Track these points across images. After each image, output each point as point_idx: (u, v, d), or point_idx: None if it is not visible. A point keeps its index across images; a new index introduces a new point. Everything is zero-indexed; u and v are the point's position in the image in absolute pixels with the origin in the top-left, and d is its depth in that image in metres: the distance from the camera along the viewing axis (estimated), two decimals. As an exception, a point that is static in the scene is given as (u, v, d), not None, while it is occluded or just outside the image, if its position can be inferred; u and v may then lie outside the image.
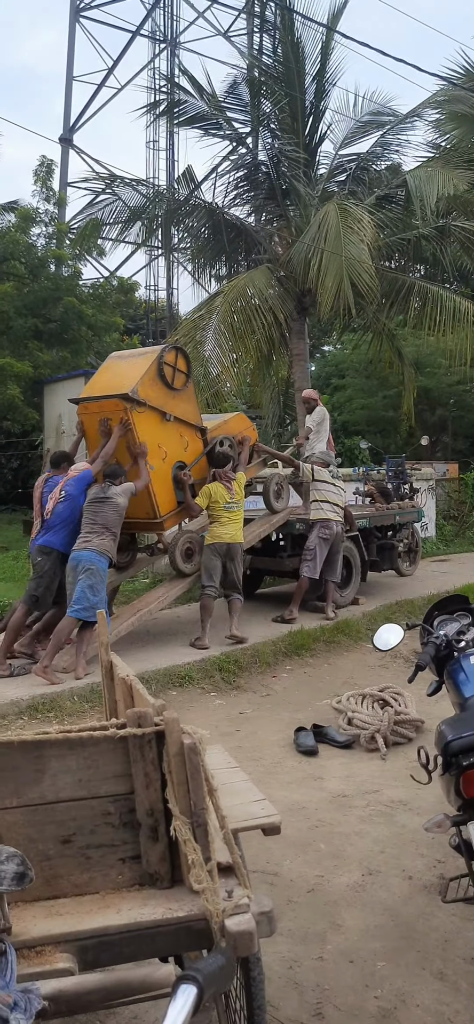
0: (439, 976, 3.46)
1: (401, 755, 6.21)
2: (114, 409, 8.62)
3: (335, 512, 10.08)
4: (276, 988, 3.35)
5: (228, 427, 10.05)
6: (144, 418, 8.71)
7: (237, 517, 9.05)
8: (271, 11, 16.45)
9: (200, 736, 2.31)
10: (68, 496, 8.15)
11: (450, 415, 25.63)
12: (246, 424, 10.49)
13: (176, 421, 9.12)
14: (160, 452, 8.91)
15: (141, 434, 8.62)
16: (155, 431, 8.86)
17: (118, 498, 7.98)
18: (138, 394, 8.59)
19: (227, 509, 8.96)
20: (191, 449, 9.34)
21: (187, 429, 9.33)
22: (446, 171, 14.60)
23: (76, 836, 2.35)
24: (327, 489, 10.16)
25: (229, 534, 8.93)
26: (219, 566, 8.95)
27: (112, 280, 25.20)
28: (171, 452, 9.07)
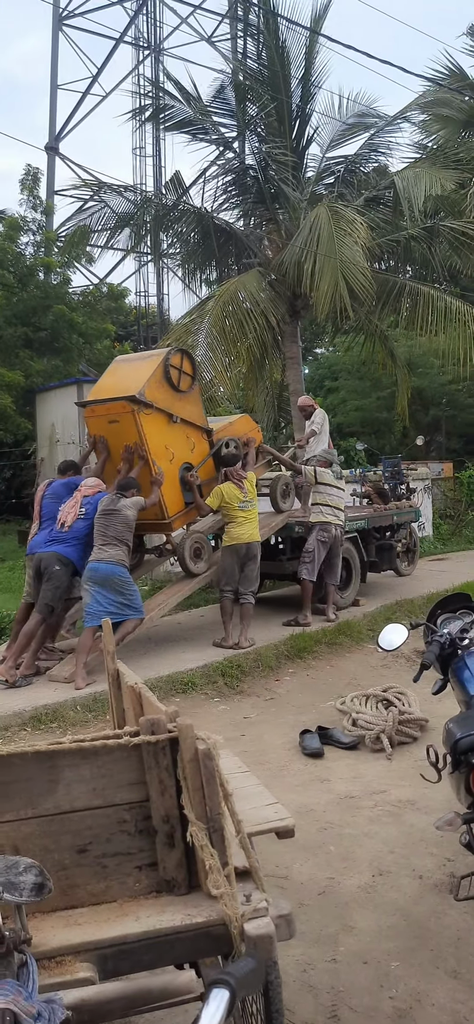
0: (453, 974, 3.46)
1: (407, 754, 6.21)
2: (121, 411, 8.75)
3: (335, 515, 10.04)
4: (291, 991, 3.34)
5: (234, 429, 10.14)
6: (151, 420, 8.81)
7: (253, 515, 9.07)
8: (254, 15, 16.49)
9: (214, 742, 2.31)
10: (87, 515, 8.34)
11: (443, 415, 25.71)
12: (251, 426, 10.59)
13: (182, 423, 9.22)
14: (167, 453, 8.99)
15: (148, 435, 8.73)
16: (162, 432, 8.97)
17: (127, 510, 8.10)
18: (145, 396, 8.70)
19: (242, 508, 8.97)
20: (197, 451, 9.44)
21: (193, 431, 9.44)
22: (433, 171, 14.64)
23: (92, 845, 2.34)
24: (329, 492, 10.12)
25: (247, 533, 8.95)
26: (237, 568, 8.98)
27: (102, 287, 25.20)
28: (178, 453, 9.16)
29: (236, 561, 8.98)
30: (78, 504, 8.45)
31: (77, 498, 8.53)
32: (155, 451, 8.84)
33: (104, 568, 7.89)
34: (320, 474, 10.18)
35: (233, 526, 8.97)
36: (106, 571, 7.90)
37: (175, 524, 9.23)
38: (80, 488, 8.66)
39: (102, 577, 7.89)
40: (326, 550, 9.99)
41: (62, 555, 8.21)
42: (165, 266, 22.24)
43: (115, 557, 7.93)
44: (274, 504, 10.32)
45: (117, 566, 7.93)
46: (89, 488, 8.61)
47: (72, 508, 8.45)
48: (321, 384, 28.40)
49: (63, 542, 8.27)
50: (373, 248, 14.38)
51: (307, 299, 14.35)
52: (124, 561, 8.02)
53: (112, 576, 7.91)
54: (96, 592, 7.89)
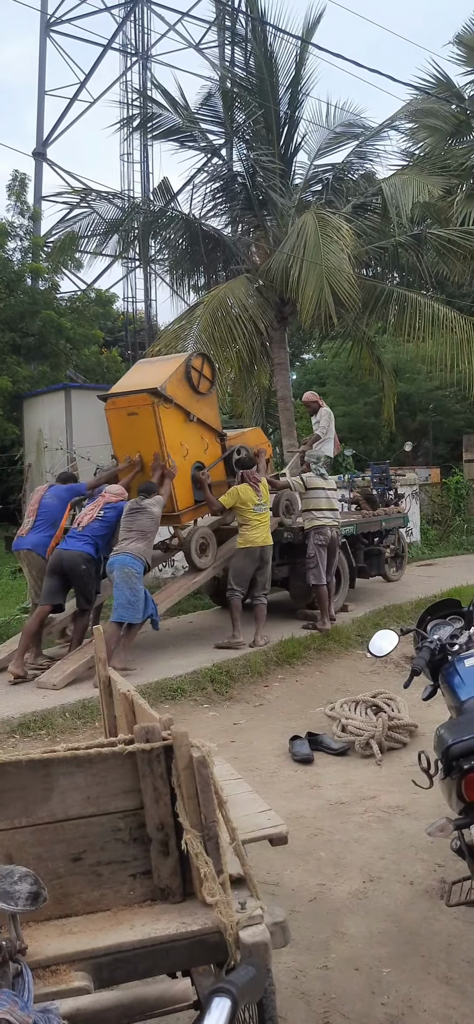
0: (445, 980, 3.47)
1: (396, 760, 6.23)
2: (141, 403, 9.12)
3: (327, 516, 9.98)
4: (283, 999, 3.34)
5: (245, 438, 10.55)
6: (170, 414, 9.17)
7: (266, 519, 9.27)
8: (242, 24, 16.55)
9: (208, 749, 2.31)
10: (105, 518, 8.67)
11: (431, 420, 25.80)
12: (262, 439, 11.10)
13: (198, 423, 9.60)
14: (182, 449, 9.36)
15: (165, 429, 9.07)
16: (179, 429, 9.33)
17: (153, 507, 8.47)
18: (166, 390, 9.06)
19: (256, 512, 9.14)
20: (210, 452, 9.82)
21: (208, 432, 9.83)
22: (420, 179, 14.74)
23: (86, 853, 2.34)
24: (318, 496, 10.05)
25: (261, 537, 9.17)
26: (251, 571, 9.17)
27: (90, 293, 25.17)
28: (192, 451, 9.53)
29: (250, 563, 9.17)
30: (98, 507, 8.74)
31: (99, 502, 8.81)
32: (171, 445, 9.16)
33: (119, 559, 8.18)
34: (308, 480, 10.15)
35: (247, 529, 9.15)
36: (121, 561, 8.15)
37: (184, 519, 9.54)
38: (104, 494, 8.94)
39: (117, 567, 8.15)
40: (326, 552, 9.99)
41: (86, 554, 8.48)
42: (153, 272, 22.22)
43: (134, 550, 8.20)
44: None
45: (133, 558, 8.17)
46: (113, 495, 8.87)
47: (91, 511, 8.75)
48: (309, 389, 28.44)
49: (82, 539, 8.56)
50: (361, 255, 14.46)
51: (295, 305, 14.39)
52: (143, 555, 8.26)
53: (124, 566, 8.11)
54: (115, 585, 8.21)
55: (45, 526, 8.74)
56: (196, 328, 13.94)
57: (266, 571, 9.29)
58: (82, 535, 8.57)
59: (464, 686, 3.68)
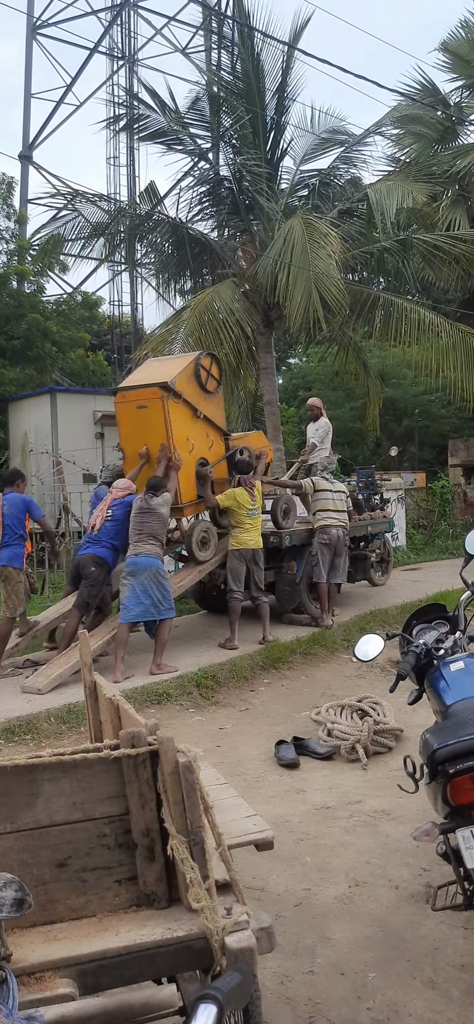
0: (430, 984, 3.48)
1: (382, 765, 6.23)
2: (151, 397, 9.36)
3: (334, 518, 10.35)
4: (269, 1004, 3.33)
5: (248, 440, 10.81)
6: (178, 409, 9.44)
7: (258, 524, 9.50)
8: (229, 28, 16.58)
9: (194, 754, 2.31)
10: (114, 518, 8.92)
11: (416, 425, 25.90)
12: (264, 442, 11.37)
13: (205, 420, 9.87)
14: (187, 444, 9.60)
15: (173, 422, 9.31)
16: (186, 424, 9.59)
17: (161, 508, 8.63)
18: (175, 385, 9.34)
19: (250, 516, 9.36)
20: (214, 450, 10.07)
21: (213, 430, 10.10)
22: (406, 184, 14.80)
23: (71, 859, 2.33)
24: (325, 498, 10.47)
25: (253, 540, 9.39)
26: (244, 571, 9.36)
27: (76, 296, 25.12)
28: (197, 447, 9.78)
29: (243, 565, 9.36)
30: (107, 506, 8.99)
31: (108, 500, 9.08)
32: (177, 439, 9.37)
33: (143, 560, 8.36)
34: (317, 482, 10.59)
35: (241, 531, 9.36)
36: (145, 563, 8.35)
37: (186, 511, 9.83)
38: (111, 490, 9.23)
39: (141, 569, 8.33)
40: (330, 552, 10.27)
41: (98, 556, 8.79)
42: (139, 276, 22.21)
43: (151, 551, 8.43)
44: (275, 523, 10.57)
45: (153, 558, 8.42)
46: (120, 490, 9.13)
47: (101, 511, 9.01)
48: (295, 394, 28.50)
49: (96, 543, 8.88)
50: (347, 259, 14.49)
51: (281, 310, 14.41)
52: (159, 555, 8.54)
53: (150, 567, 8.34)
54: (134, 585, 8.31)
55: (13, 537, 8.71)
56: (183, 332, 13.94)
57: (258, 572, 9.48)
58: (97, 539, 8.89)
59: (449, 690, 3.69)
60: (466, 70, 19.35)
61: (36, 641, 9.30)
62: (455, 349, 14.84)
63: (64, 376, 22.44)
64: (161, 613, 8.42)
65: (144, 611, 8.37)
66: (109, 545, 8.86)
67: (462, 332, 15.16)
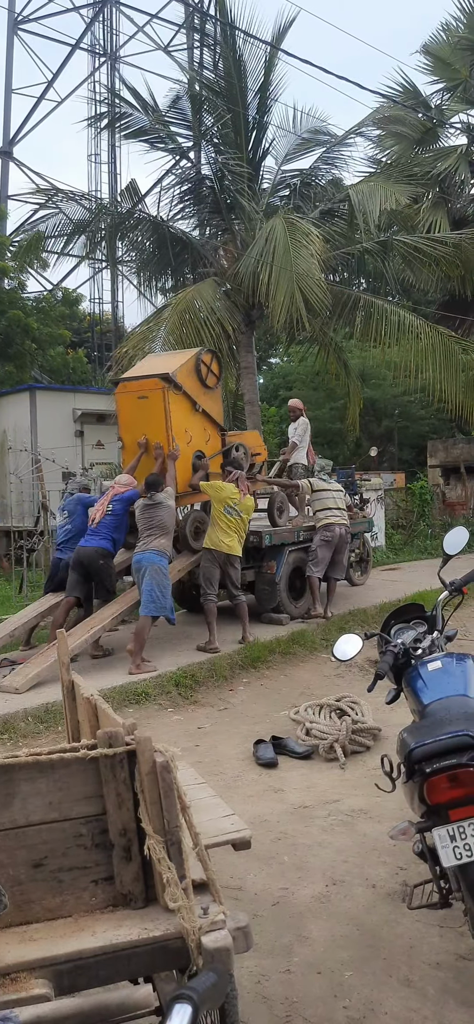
0: (406, 983, 3.49)
1: (360, 764, 6.25)
2: (152, 387, 9.57)
3: (336, 516, 10.57)
4: (245, 1003, 3.33)
5: (244, 439, 11.09)
6: (177, 401, 9.64)
7: (234, 526, 9.22)
8: (211, 26, 16.58)
9: (172, 754, 2.31)
10: (114, 512, 9.07)
11: (396, 426, 26.02)
12: (259, 442, 11.63)
13: (203, 414, 10.12)
14: (186, 436, 9.79)
15: (173, 413, 9.51)
16: (185, 416, 9.82)
17: (168, 500, 8.79)
18: (176, 377, 9.56)
19: (226, 513, 9.16)
20: (211, 444, 10.30)
21: (210, 425, 10.34)
22: (387, 186, 14.87)
23: (48, 859, 2.32)
24: (326, 497, 10.68)
25: (226, 544, 9.17)
26: (217, 573, 9.26)
27: (56, 293, 25.02)
28: (195, 440, 9.99)
29: (216, 567, 9.23)
30: (108, 501, 9.15)
31: (109, 495, 9.24)
32: (176, 430, 9.56)
33: (147, 557, 8.49)
34: (314, 483, 10.78)
35: (213, 529, 9.23)
36: (147, 559, 8.48)
37: (181, 501, 10.01)
38: (113, 485, 9.47)
39: (142, 566, 8.49)
40: (330, 549, 10.47)
41: (102, 548, 8.96)
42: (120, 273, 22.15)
43: (160, 546, 8.55)
44: (271, 520, 10.81)
45: (158, 555, 8.50)
46: (121, 486, 9.31)
47: (101, 505, 9.16)
48: (275, 394, 28.55)
49: (97, 535, 9.02)
50: (328, 260, 14.53)
51: (262, 309, 14.43)
52: (165, 550, 8.63)
53: (151, 563, 8.44)
54: (140, 581, 8.51)
55: None
56: (163, 330, 13.94)
57: (234, 573, 9.33)
58: (96, 532, 9.02)
59: (427, 690, 3.70)
60: (447, 73, 19.46)
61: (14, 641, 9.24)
62: (434, 351, 14.94)
63: (44, 373, 22.35)
64: (155, 610, 8.48)
65: (152, 610, 8.47)
66: (109, 537, 9.02)
67: (441, 334, 15.28)
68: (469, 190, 19.83)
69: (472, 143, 19.36)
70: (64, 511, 9.87)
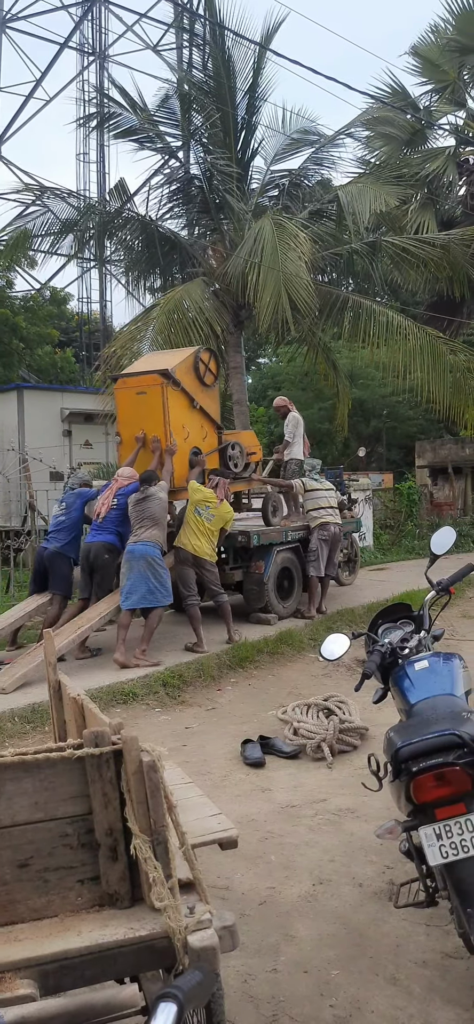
0: (392, 981, 3.50)
1: (347, 763, 6.26)
2: (151, 383, 9.76)
3: (329, 514, 10.82)
4: (232, 1002, 3.34)
5: (240, 437, 11.33)
6: (175, 397, 9.81)
7: (204, 531, 9.22)
8: (200, 26, 16.56)
9: (159, 754, 2.30)
10: (119, 505, 9.19)
11: (384, 426, 26.07)
12: (255, 442, 11.76)
13: (201, 411, 10.29)
14: (183, 432, 9.96)
15: (171, 409, 9.67)
16: (183, 412, 9.99)
17: (159, 493, 8.89)
18: (175, 373, 9.73)
19: (196, 513, 9.22)
20: (208, 442, 10.47)
21: (208, 422, 10.51)
22: (376, 187, 14.89)
23: (33, 859, 2.31)
24: (319, 496, 10.93)
25: (191, 544, 9.20)
26: (191, 574, 9.26)
27: (44, 292, 24.95)
28: (192, 436, 10.16)
29: (187, 568, 9.23)
30: (112, 495, 9.29)
31: (112, 488, 9.38)
32: (174, 426, 9.72)
33: (139, 548, 8.57)
34: (306, 483, 11.00)
35: (184, 530, 9.30)
36: (141, 551, 8.54)
37: (177, 496, 10.05)
38: (116, 479, 9.59)
39: (136, 557, 8.53)
40: (328, 547, 10.71)
41: (108, 543, 9.11)
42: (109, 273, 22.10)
43: (151, 537, 8.65)
44: (265, 519, 10.91)
45: (151, 546, 8.60)
46: (124, 479, 9.40)
47: (106, 499, 9.29)
48: (264, 394, 28.54)
49: (103, 531, 9.17)
50: (316, 260, 14.55)
51: (251, 309, 14.43)
52: (159, 540, 8.74)
53: (145, 555, 8.52)
54: (131, 573, 8.52)
55: None
56: (151, 330, 13.91)
57: (208, 575, 9.31)
58: (102, 526, 9.17)
59: (414, 689, 3.72)
60: (435, 74, 19.52)
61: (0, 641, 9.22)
62: (422, 352, 14.98)
63: (31, 373, 22.29)
64: (157, 600, 8.59)
65: (141, 598, 8.53)
66: (115, 531, 9.13)
67: (429, 335, 15.32)
68: (457, 191, 19.91)
69: (460, 145, 19.42)
70: (62, 503, 9.81)
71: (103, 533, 9.14)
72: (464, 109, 20.09)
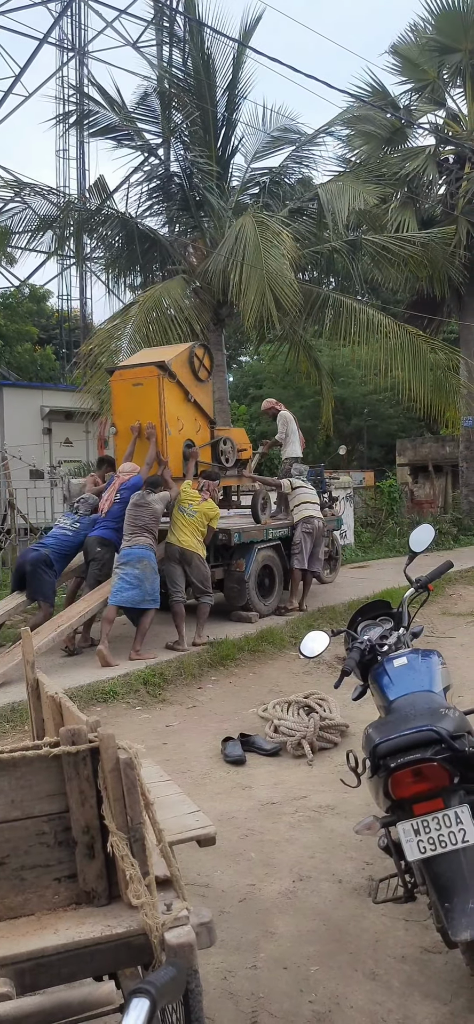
0: (371, 976, 3.51)
1: (327, 760, 6.28)
2: (147, 375, 9.98)
3: (313, 509, 11.03)
4: (211, 999, 3.33)
5: (232, 435, 11.59)
6: (171, 389, 10.02)
7: (190, 527, 9.37)
8: (180, 24, 16.53)
9: (136, 751, 2.30)
10: (122, 500, 9.32)
11: (365, 424, 26.15)
12: (246, 439, 12.02)
13: (195, 405, 10.50)
14: (178, 424, 10.16)
15: (167, 401, 9.88)
16: (177, 405, 10.18)
17: (155, 504, 9.05)
18: (171, 366, 9.93)
19: (181, 511, 9.41)
20: (201, 435, 10.68)
21: (201, 416, 10.73)
22: (356, 185, 14.93)
23: (10, 858, 2.29)
24: (304, 492, 11.23)
25: (177, 539, 9.34)
26: (179, 571, 9.35)
27: (24, 289, 24.82)
28: (186, 428, 10.35)
29: (175, 565, 9.34)
30: (115, 491, 9.45)
31: (115, 485, 9.53)
32: (169, 417, 9.92)
33: (137, 552, 8.75)
34: (293, 482, 11.27)
35: (173, 528, 9.44)
36: (139, 554, 8.73)
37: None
38: (118, 474, 9.71)
39: (135, 560, 8.70)
40: (312, 541, 10.86)
41: (103, 537, 9.28)
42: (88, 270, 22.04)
43: (144, 542, 8.82)
44: (254, 516, 11.06)
45: (146, 549, 8.80)
46: (126, 473, 9.59)
47: (109, 495, 9.48)
48: (245, 392, 28.56)
49: (104, 525, 9.36)
50: (297, 259, 14.57)
51: (232, 307, 14.43)
52: (151, 545, 8.91)
53: (142, 558, 8.72)
54: (126, 573, 8.65)
55: None
56: (130, 328, 13.87)
57: (196, 572, 9.37)
58: (106, 521, 9.36)
59: (392, 686, 3.73)
60: (415, 73, 19.57)
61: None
62: (403, 350, 15.06)
63: (11, 370, 22.16)
64: (147, 604, 8.73)
65: (131, 598, 8.63)
66: (115, 527, 9.25)
67: (410, 333, 15.39)
68: (437, 191, 19.98)
69: (440, 144, 19.49)
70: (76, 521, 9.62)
71: (100, 528, 9.35)
72: (444, 108, 20.15)
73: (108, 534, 9.28)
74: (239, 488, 12.06)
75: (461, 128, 19.54)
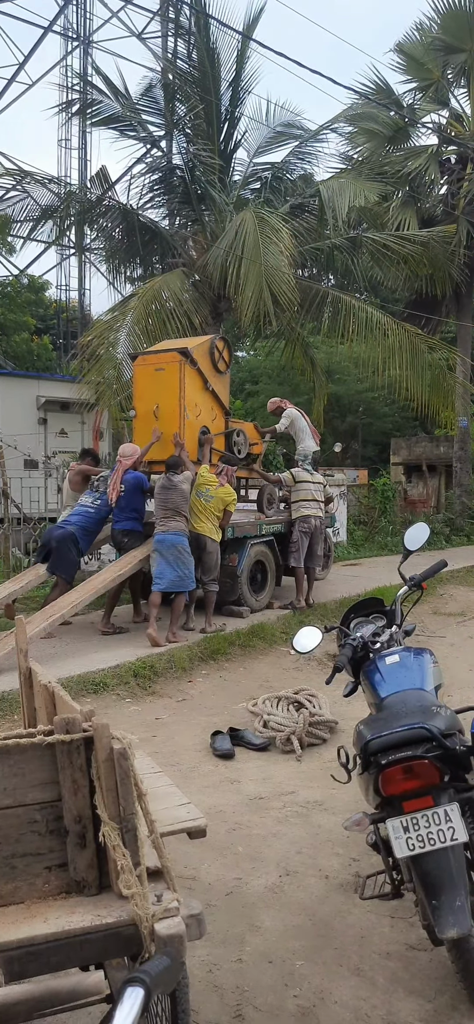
0: (356, 972, 3.53)
1: (316, 756, 6.30)
2: (170, 360, 10.35)
3: (311, 507, 11.01)
4: (196, 992, 3.34)
5: (244, 427, 11.81)
6: (191, 376, 10.37)
7: (203, 509, 9.61)
8: (185, 16, 16.49)
9: (129, 741, 2.31)
10: (126, 490, 9.70)
11: (360, 422, 26.17)
12: (257, 435, 12.18)
13: (212, 394, 10.85)
14: (195, 409, 10.50)
15: (187, 386, 10.23)
16: (196, 391, 10.54)
17: (182, 484, 9.33)
18: (193, 353, 10.31)
19: (198, 495, 9.62)
20: (216, 424, 10.99)
21: (217, 406, 11.05)
22: (358, 183, 14.93)
23: (1, 846, 2.30)
24: (305, 489, 11.14)
25: (194, 526, 9.52)
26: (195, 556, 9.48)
27: (22, 278, 24.74)
28: (203, 415, 10.68)
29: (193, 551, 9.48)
30: (119, 479, 9.73)
31: (118, 472, 9.80)
32: (188, 402, 10.25)
33: (170, 538, 9.07)
34: (296, 474, 11.23)
35: (191, 514, 9.56)
36: (172, 540, 9.06)
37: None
38: (120, 460, 10.00)
39: (168, 546, 9.04)
40: (308, 539, 10.89)
41: (125, 529, 9.73)
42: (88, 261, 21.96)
43: (178, 528, 9.13)
44: (260, 509, 11.41)
45: (180, 535, 9.11)
46: (127, 458, 9.94)
47: (115, 485, 9.73)
48: (241, 387, 28.55)
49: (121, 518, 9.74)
50: (296, 255, 14.57)
51: (230, 302, 14.41)
52: (183, 530, 9.18)
53: (176, 545, 9.05)
54: (163, 559, 9.05)
55: None
56: (129, 320, 13.84)
57: (207, 559, 9.60)
58: (120, 512, 9.73)
59: (384, 683, 3.75)
60: (420, 72, 19.55)
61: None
62: (401, 349, 15.06)
63: (8, 359, 22.10)
64: (184, 586, 9.12)
65: (170, 583, 9.03)
66: (127, 518, 9.71)
67: (408, 332, 15.40)
68: (438, 190, 19.98)
69: (442, 144, 19.49)
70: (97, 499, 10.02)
71: (120, 522, 9.74)
72: (447, 108, 20.15)
73: (128, 524, 9.71)
74: (248, 482, 12.08)
75: (464, 128, 19.54)
